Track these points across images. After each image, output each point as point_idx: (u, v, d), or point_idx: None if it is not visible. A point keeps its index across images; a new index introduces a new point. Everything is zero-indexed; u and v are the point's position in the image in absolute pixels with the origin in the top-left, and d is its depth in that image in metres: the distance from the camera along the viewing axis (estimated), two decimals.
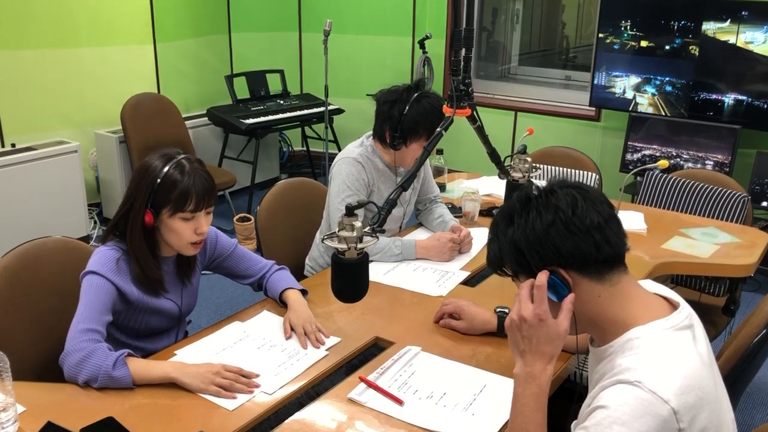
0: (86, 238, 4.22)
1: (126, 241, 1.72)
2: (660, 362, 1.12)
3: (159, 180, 1.66)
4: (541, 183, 1.32)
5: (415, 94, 2.24)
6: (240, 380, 1.55)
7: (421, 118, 2.22)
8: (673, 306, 1.26)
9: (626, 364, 1.15)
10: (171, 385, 1.54)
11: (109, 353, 1.54)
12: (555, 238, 1.20)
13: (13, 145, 4.08)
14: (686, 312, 1.23)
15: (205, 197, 1.69)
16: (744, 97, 3.86)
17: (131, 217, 1.70)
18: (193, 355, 1.68)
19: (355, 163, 2.32)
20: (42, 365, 1.81)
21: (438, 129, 1.69)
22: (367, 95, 2.39)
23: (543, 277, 1.22)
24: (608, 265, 1.22)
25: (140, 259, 1.71)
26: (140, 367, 1.55)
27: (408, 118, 2.23)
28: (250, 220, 4.25)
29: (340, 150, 2.45)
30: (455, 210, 2.70)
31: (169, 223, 1.69)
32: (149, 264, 1.72)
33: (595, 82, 4.34)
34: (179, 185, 1.66)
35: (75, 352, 1.54)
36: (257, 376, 1.59)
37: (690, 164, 4.01)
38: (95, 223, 4.56)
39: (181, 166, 1.68)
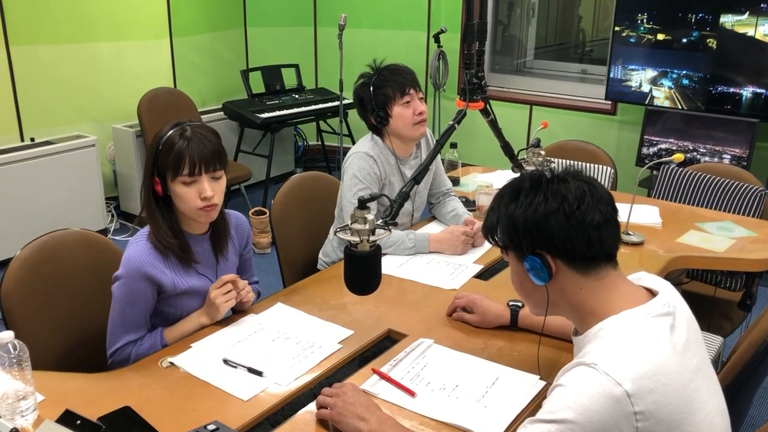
0: (104, 231, 4.27)
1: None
2: (620, 347, 1.16)
3: (160, 146, 1.68)
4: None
5: (375, 74, 2.34)
6: (231, 287, 1.76)
7: (386, 81, 2.31)
8: (654, 295, 1.27)
9: (589, 349, 1.19)
10: (186, 376, 1.56)
11: (154, 343, 1.73)
12: (552, 226, 1.22)
13: (32, 140, 4.14)
14: (664, 300, 1.24)
15: (202, 161, 1.67)
16: (762, 90, 3.82)
17: (145, 187, 1.73)
18: (208, 348, 1.70)
19: (366, 158, 2.33)
20: (61, 355, 1.84)
21: (451, 122, 1.70)
22: None
23: None
24: (596, 261, 1.25)
25: (154, 228, 1.72)
26: (176, 335, 1.75)
27: (375, 90, 2.31)
28: (265, 213, 4.28)
29: (354, 144, 2.47)
30: (469, 204, 2.70)
31: (174, 189, 1.70)
32: (162, 233, 1.71)
33: (611, 75, 4.31)
34: (174, 148, 1.66)
35: (125, 361, 1.70)
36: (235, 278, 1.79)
37: (707, 158, 3.97)
38: (113, 216, 4.61)
39: (182, 130, 1.69)
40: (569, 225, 1.21)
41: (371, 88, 2.32)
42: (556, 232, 1.22)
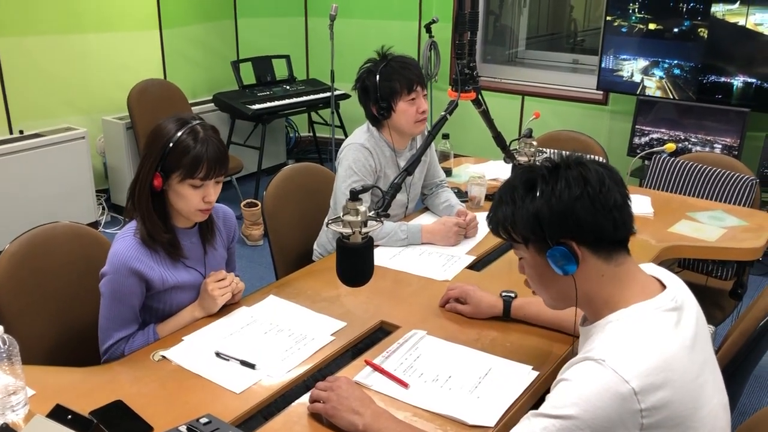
0: (95, 224, 4.25)
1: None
2: (629, 343, 1.14)
3: (171, 144, 1.65)
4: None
5: (383, 62, 2.29)
6: (227, 279, 1.79)
7: (394, 74, 2.27)
8: (664, 286, 1.26)
9: (597, 342, 1.17)
10: (178, 369, 1.56)
11: (147, 340, 1.71)
12: (580, 212, 1.19)
13: (21, 132, 4.10)
14: (672, 294, 1.23)
15: (217, 166, 1.68)
16: (753, 80, 3.83)
17: (140, 179, 1.70)
18: (200, 341, 1.69)
19: (362, 149, 2.32)
20: (51, 349, 1.83)
21: (442, 113, 1.69)
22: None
23: None
24: (618, 245, 1.23)
25: (146, 221, 1.70)
26: (169, 330, 1.74)
27: (382, 82, 2.26)
28: (257, 205, 4.26)
29: (346, 135, 2.45)
30: (461, 195, 2.69)
31: (178, 189, 1.68)
32: (156, 228, 1.71)
33: (603, 65, 4.31)
34: (191, 151, 1.64)
35: (119, 358, 1.67)
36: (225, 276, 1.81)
37: (698, 148, 3.98)
38: (104, 209, 4.59)
39: (195, 132, 1.67)
40: (595, 209, 1.19)
41: (377, 77, 2.28)
42: (583, 218, 1.19)
